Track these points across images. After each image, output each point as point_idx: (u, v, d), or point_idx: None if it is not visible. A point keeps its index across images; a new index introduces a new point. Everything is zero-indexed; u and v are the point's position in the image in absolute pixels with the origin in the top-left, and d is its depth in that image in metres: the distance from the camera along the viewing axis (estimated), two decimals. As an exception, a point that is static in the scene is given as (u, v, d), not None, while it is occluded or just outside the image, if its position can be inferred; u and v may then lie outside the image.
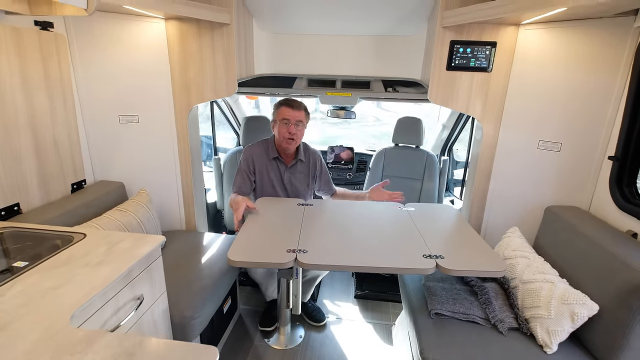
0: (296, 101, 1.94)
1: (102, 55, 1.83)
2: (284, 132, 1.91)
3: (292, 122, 1.89)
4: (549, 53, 1.70)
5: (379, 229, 1.70)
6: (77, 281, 1.05)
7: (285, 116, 1.89)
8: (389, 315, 2.33)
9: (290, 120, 1.89)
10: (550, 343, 1.33)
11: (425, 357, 1.33)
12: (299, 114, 1.91)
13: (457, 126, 2.98)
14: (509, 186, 1.95)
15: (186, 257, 1.89)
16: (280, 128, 1.92)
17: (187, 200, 2.21)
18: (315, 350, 2.02)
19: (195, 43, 1.91)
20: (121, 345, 0.82)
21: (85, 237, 1.32)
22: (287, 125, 1.90)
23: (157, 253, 1.33)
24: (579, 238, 1.52)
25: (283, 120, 1.90)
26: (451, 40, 1.79)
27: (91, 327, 1.00)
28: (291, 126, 1.89)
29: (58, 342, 0.83)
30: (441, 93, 1.89)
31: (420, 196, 2.73)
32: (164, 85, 1.98)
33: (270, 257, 1.41)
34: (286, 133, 1.90)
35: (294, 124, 1.89)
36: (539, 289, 1.44)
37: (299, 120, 1.91)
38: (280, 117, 1.91)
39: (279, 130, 1.94)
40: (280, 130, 1.92)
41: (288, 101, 1.92)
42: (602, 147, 1.66)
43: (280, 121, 1.91)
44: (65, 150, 1.76)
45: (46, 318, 0.90)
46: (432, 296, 1.58)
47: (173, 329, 1.48)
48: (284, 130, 1.91)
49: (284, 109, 1.91)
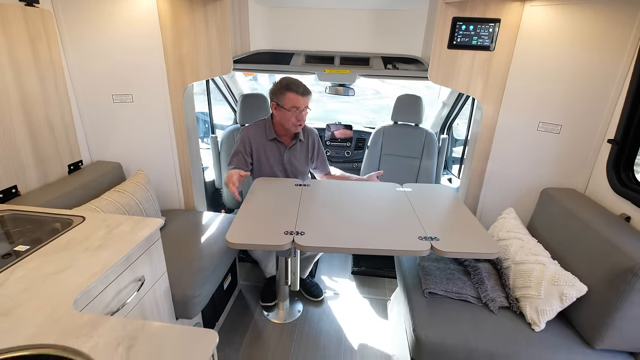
0: (301, 85, 1.86)
1: (92, 31, 1.77)
2: (293, 119, 1.88)
3: (301, 109, 1.87)
4: (554, 31, 1.65)
5: (376, 210, 1.72)
6: (78, 266, 1.07)
7: (295, 104, 1.84)
8: (385, 291, 2.40)
9: (300, 107, 1.85)
10: (538, 321, 1.39)
11: (418, 334, 1.39)
12: (307, 100, 1.87)
13: (458, 104, 2.94)
14: (507, 167, 1.95)
15: (186, 236, 1.92)
16: (290, 116, 1.87)
17: (185, 179, 2.21)
18: (314, 324, 2.10)
19: (188, 18, 1.84)
20: (124, 329, 0.85)
21: (85, 220, 1.33)
22: (297, 112, 1.86)
23: (157, 235, 1.35)
24: (573, 221, 1.54)
25: (293, 107, 1.85)
26: (453, 17, 1.73)
27: (94, 310, 1.04)
28: (300, 114, 1.87)
29: (62, 325, 0.85)
30: (441, 72, 1.85)
31: (418, 175, 2.74)
32: (157, 62, 1.92)
33: (268, 239, 1.43)
34: (295, 120, 1.88)
35: (303, 110, 1.87)
36: (530, 270, 1.47)
37: (306, 107, 1.89)
38: (290, 105, 1.85)
39: (287, 117, 1.89)
40: (289, 117, 1.88)
41: (295, 87, 1.84)
42: (602, 130, 1.64)
43: (290, 109, 1.85)
44: (59, 131, 1.74)
45: (49, 303, 0.92)
46: (427, 276, 1.62)
47: (175, 307, 1.52)
48: (293, 118, 1.87)
49: (292, 96, 1.83)
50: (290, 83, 1.86)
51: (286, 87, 1.85)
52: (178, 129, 2.07)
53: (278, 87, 1.88)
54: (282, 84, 1.87)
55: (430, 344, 1.37)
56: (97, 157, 2.02)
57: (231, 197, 2.67)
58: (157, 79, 1.95)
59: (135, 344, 0.81)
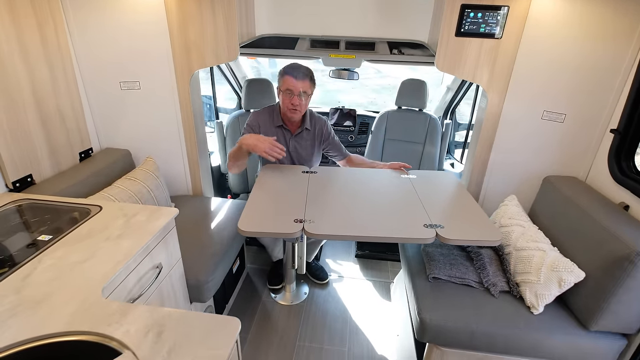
0: (301, 69, 1.84)
1: (98, 17, 1.76)
2: (287, 102, 1.87)
3: (295, 93, 1.83)
4: (561, 19, 1.65)
5: (382, 197, 1.76)
6: (101, 255, 1.12)
7: (289, 86, 1.83)
8: (388, 274, 2.49)
9: (293, 91, 1.83)
10: (537, 305, 1.46)
11: (423, 317, 1.46)
12: (303, 84, 1.83)
13: (462, 89, 2.94)
14: (511, 155, 1.98)
15: (196, 222, 1.97)
16: (284, 98, 1.88)
17: (192, 165, 2.24)
18: (319, 305, 2.19)
19: (194, 3, 1.81)
20: (152, 317, 0.91)
21: (102, 209, 1.37)
22: (291, 96, 1.85)
23: (172, 224, 1.40)
24: (573, 208, 1.59)
25: (287, 90, 1.84)
26: (462, 4, 1.71)
27: (118, 297, 1.09)
28: (294, 97, 1.84)
29: (94, 313, 0.91)
30: (448, 60, 1.85)
31: (421, 160, 2.77)
32: (164, 48, 1.91)
33: (278, 227, 1.48)
34: (289, 104, 1.87)
35: (297, 95, 1.84)
36: (531, 257, 1.53)
37: (303, 91, 1.84)
38: (284, 87, 1.85)
39: (282, 99, 1.90)
40: (284, 100, 1.88)
41: (292, 70, 1.83)
42: (605, 119, 1.67)
43: (284, 91, 1.86)
44: (70, 119, 1.75)
45: (79, 291, 0.98)
46: (431, 261, 1.68)
47: (189, 292, 1.59)
48: (287, 100, 1.86)
49: (287, 78, 1.83)
50: (288, 66, 1.86)
51: (284, 70, 1.86)
52: (185, 115, 2.08)
53: (280, 71, 1.89)
54: (283, 68, 1.88)
55: (434, 326, 1.45)
56: (106, 144, 2.04)
57: (237, 182, 2.71)
58: (163, 66, 1.95)
59: (164, 331, 0.87)
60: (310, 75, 1.88)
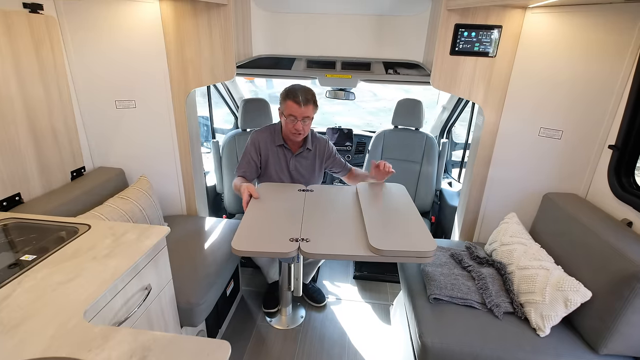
0: (303, 94, 1.80)
1: (95, 38, 1.77)
2: (290, 127, 1.86)
3: (298, 119, 1.82)
4: (554, 38, 1.67)
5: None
6: (87, 275, 1.07)
7: (292, 113, 1.82)
8: (387, 296, 2.41)
9: (297, 117, 1.82)
10: (543, 327, 1.40)
11: (425, 341, 1.39)
12: (306, 110, 1.81)
13: (457, 108, 2.96)
14: (509, 173, 1.96)
15: (189, 242, 1.92)
16: (287, 123, 1.86)
17: (187, 185, 2.21)
18: (316, 329, 2.10)
19: (191, 23, 1.84)
20: (136, 341, 0.85)
21: (90, 228, 1.33)
22: (294, 121, 1.83)
23: (163, 243, 1.35)
24: (576, 226, 1.56)
25: (290, 116, 1.83)
26: (456, 24, 1.74)
27: (102, 319, 1.03)
28: (297, 123, 1.83)
29: (74, 338, 0.85)
30: (444, 78, 1.86)
31: (418, 179, 2.75)
32: (161, 68, 1.93)
33: (273, 246, 1.43)
34: (292, 129, 1.86)
35: (300, 120, 1.83)
36: (534, 275, 1.49)
37: (305, 117, 1.83)
38: (287, 112, 1.83)
39: (285, 124, 1.89)
40: (287, 125, 1.87)
41: (295, 95, 1.80)
42: (602, 135, 1.67)
43: (287, 116, 1.84)
44: (63, 138, 1.73)
45: (60, 313, 0.92)
46: (431, 281, 1.63)
47: (180, 315, 1.52)
48: (291, 125, 1.86)
49: (290, 104, 1.81)
50: (290, 91, 1.83)
51: (286, 94, 1.83)
52: (181, 134, 2.07)
53: (282, 94, 1.87)
54: (285, 91, 1.86)
55: (436, 350, 1.38)
56: (99, 163, 2.01)
57: (232, 202, 2.67)
58: (160, 85, 1.95)
59: (149, 355, 0.81)
60: (313, 100, 1.85)
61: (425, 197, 2.73)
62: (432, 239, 1.43)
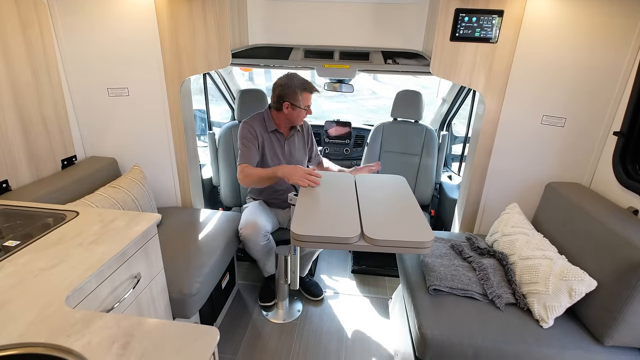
0: (311, 83, 1.97)
1: (87, 23, 1.73)
2: (303, 114, 2.00)
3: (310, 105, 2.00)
4: (557, 22, 1.63)
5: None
6: (71, 261, 1.02)
7: (309, 103, 1.98)
8: (386, 289, 2.36)
9: (310, 104, 1.99)
10: (546, 318, 1.35)
11: (424, 332, 1.35)
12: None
13: (457, 100, 2.91)
14: (510, 162, 1.92)
15: (183, 233, 1.87)
16: (304, 114, 2.00)
17: (182, 176, 2.16)
18: (313, 324, 2.06)
19: (186, 9, 1.79)
20: (119, 326, 0.80)
21: (78, 215, 1.28)
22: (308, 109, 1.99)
23: (153, 231, 1.30)
24: (580, 214, 1.51)
25: (307, 106, 1.98)
26: (456, 9, 1.70)
27: (88, 307, 0.99)
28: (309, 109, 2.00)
29: (53, 323, 0.81)
30: (444, 65, 1.81)
31: (418, 172, 2.71)
32: (154, 55, 1.88)
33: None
34: (304, 115, 2.00)
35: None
36: (537, 265, 1.44)
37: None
38: (306, 103, 1.96)
39: (301, 115, 1.99)
40: (301, 114, 1.99)
41: (310, 87, 1.94)
42: (607, 122, 1.62)
43: (306, 108, 1.98)
44: (53, 125, 1.68)
45: (40, 299, 0.87)
46: (431, 272, 1.58)
47: (172, 306, 1.47)
48: (303, 114, 1.99)
49: (307, 96, 1.95)
50: (304, 83, 1.94)
51: (302, 88, 1.93)
52: (175, 123, 2.02)
53: (292, 88, 1.92)
54: (297, 84, 1.92)
55: (436, 342, 1.33)
56: (91, 153, 1.97)
57: (229, 195, 2.63)
58: (153, 72, 1.91)
59: (132, 342, 0.77)
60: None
61: (424, 190, 2.69)
62: (429, 230, 1.38)
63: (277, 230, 2.19)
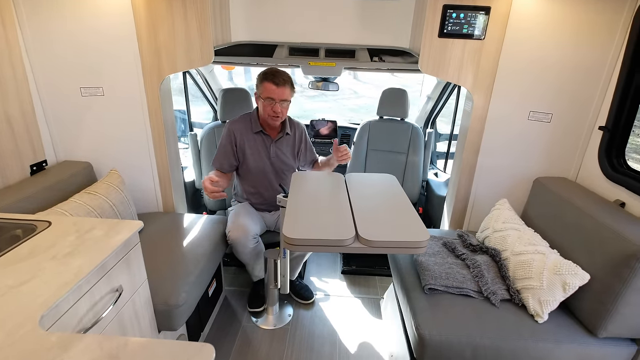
0: (281, 76, 1.78)
1: (55, 13, 1.60)
2: (269, 110, 1.82)
3: (276, 100, 1.78)
4: (544, 19, 1.64)
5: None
6: (44, 277, 0.93)
7: (270, 95, 1.78)
8: (377, 289, 2.34)
9: (274, 99, 1.78)
10: (541, 312, 1.35)
11: (422, 333, 1.32)
12: (284, 91, 1.78)
13: (442, 98, 2.92)
14: (498, 158, 1.93)
15: (166, 240, 1.78)
16: (265, 105, 1.82)
17: (163, 179, 2.06)
18: (305, 327, 2.00)
19: (164, 3, 1.70)
20: (102, 349, 0.73)
21: (51, 225, 1.18)
22: (272, 103, 1.79)
23: (135, 240, 1.22)
24: (568, 209, 1.53)
25: (268, 98, 1.79)
26: (444, 5, 1.68)
27: (64, 328, 0.90)
28: (276, 105, 1.79)
29: (25, 348, 0.72)
30: (432, 62, 1.80)
31: (405, 170, 2.70)
32: (131, 51, 1.77)
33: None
34: (270, 111, 1.82)
35: (278, 102, 1.79)
36: (530, 261, 1.44)
37: (283, 100, 1.80)
38: (265, 95, 1.79)
39: (263, 106, 1.83)
40: (265, 108, 1.82)
41: (273, 76, 1.77)
42: (592, 117, 1.65)
43: (265, 99, 1.80)
44: (19, 126, 1.56)
45: (9, 320, 0.78)
46: (425, 271, 1.56)
47: (157, 318, 1.39)
48: (269, 108, 1.81)
49: (268, 85, 1.77)
50: (268, 73, 1.79)
51: (264, 76, 1.79)
52: (155, 124, 1.92)
53: (259, 76, 1.82)
54: (262, 73, 1.81)
55: (434, 342, 1.31)
56: (63, 157, 1.84)
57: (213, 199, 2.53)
58: (131, 70, 1.80)
59: (117, 365, 0.69)
60: (290, 81, 1.83)
61: (412, 188, 2.68)
62: (424, 229, 1.35)
63: (265, 233, 2.12)
